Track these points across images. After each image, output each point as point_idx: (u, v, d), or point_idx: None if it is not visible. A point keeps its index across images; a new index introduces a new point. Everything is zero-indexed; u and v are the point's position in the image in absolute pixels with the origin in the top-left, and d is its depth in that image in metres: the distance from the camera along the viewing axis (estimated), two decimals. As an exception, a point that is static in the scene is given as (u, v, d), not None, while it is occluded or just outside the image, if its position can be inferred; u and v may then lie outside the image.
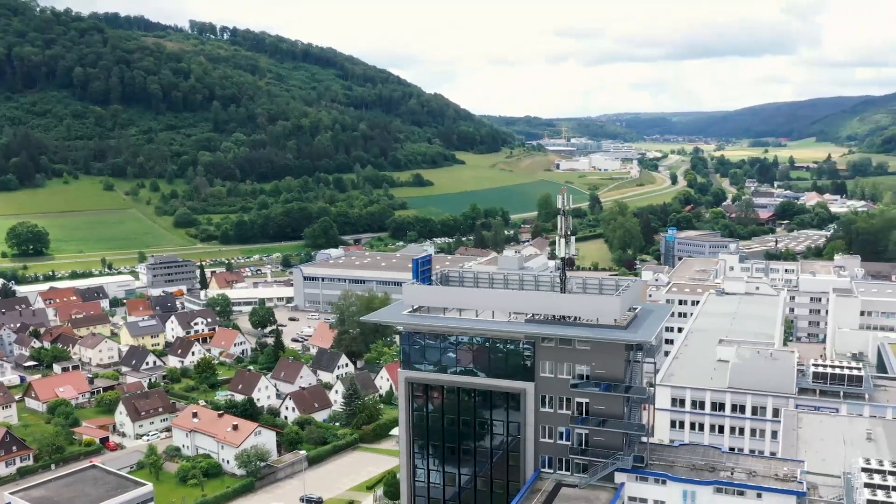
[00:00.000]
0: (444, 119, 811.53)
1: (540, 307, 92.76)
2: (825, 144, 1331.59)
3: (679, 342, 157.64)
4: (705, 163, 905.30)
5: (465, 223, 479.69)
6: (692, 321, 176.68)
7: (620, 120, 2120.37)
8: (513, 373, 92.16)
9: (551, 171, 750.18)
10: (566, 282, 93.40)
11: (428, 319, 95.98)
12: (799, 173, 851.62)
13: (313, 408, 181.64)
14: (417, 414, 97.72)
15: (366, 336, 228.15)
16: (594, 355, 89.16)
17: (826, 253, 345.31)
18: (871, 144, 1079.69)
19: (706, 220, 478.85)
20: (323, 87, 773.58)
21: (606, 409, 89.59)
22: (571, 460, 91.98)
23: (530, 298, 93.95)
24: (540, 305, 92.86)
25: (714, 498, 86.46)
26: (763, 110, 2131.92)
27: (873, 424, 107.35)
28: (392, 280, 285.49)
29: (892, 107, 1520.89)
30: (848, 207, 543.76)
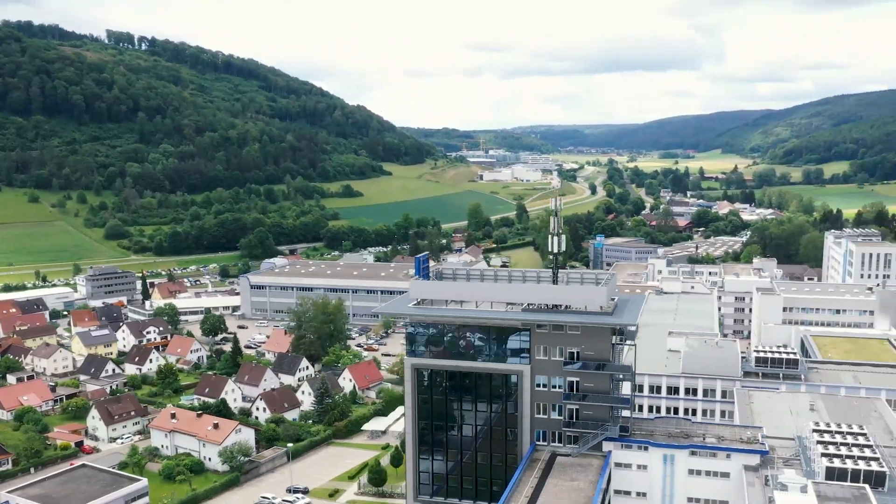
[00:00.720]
0: (369, 131, 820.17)
1: (536, 297, 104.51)
2: (731, 156, 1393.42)
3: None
4: (621, 174, 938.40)
5: (398, 233, 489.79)
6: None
7: (535, 132, 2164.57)
8: (511, 356, 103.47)
9: (475, 182, 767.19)
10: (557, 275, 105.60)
11: (434, 311, 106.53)
12: (709, 183, 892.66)
13: (283, 407, 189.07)
14: (422, 397, 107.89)
15: (322, 340, 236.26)
16: (583, 339, 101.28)
17: (743, 257, 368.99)
18: (774, 156, 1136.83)
19: (628, 227, 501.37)
20: (247, 98, 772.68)
21: (595, 386, 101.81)
22: (564, 433, 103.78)
23: (527, 290, 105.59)
24: (536, 296, 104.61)
25: (690, 460, 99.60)
26: (671, 123, 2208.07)
27: (814, 398, 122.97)
28: (339, 287, 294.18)
29: (791, 120, 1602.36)
30: (758, 215, 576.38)
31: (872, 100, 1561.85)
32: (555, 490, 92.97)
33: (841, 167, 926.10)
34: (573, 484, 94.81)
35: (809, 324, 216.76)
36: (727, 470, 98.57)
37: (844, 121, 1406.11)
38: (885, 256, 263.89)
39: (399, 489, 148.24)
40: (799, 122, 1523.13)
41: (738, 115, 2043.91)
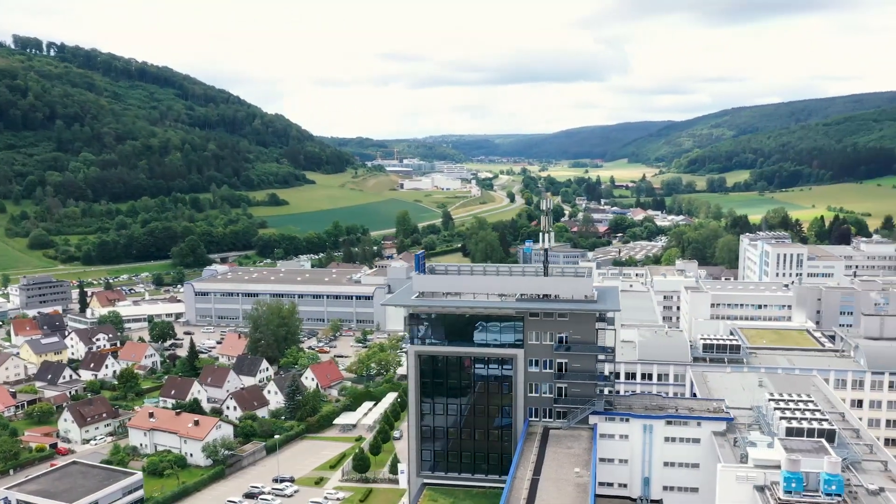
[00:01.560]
0: (289, 140, 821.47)
1: (529, 288, 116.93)
2: (637, 165, 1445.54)
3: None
4: (536, 182, 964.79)
5: (328, 240, 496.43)
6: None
7: (447, 141, 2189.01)
8: (506, 342, 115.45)
9: (397, 191, 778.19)
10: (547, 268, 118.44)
11: (435, 302, 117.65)
12: (620, 191, 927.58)
13: (253, 406, 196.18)
14: (423, 380, 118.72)
15: (278, 343, 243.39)
16: (571, 324, 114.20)
17: (664, 259, 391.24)
18: (679, 165, 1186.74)
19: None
20: (164, 106, 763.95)
21: (581, 367, 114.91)
22: (553, 409, 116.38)
23: (520, 282, 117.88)
24: (529, 287, 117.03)
25: (666, 429, 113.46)
26: (578, 133, 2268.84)
27: (760, 376, 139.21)
28: (284, 293, 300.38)
29: (692, 131, 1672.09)
30: (670, 221, 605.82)
31: (768, 112, 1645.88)
32: (555, 456, 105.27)
33: (742, 176, 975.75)
34: (570, 451, 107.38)
35: (735, 318, 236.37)
36: (698, 436, 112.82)
37: (743, 132, 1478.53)
38: (797, 256, 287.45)
39: (381, 474, 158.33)
40: (700, 133, 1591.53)
41: (642, 126, 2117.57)
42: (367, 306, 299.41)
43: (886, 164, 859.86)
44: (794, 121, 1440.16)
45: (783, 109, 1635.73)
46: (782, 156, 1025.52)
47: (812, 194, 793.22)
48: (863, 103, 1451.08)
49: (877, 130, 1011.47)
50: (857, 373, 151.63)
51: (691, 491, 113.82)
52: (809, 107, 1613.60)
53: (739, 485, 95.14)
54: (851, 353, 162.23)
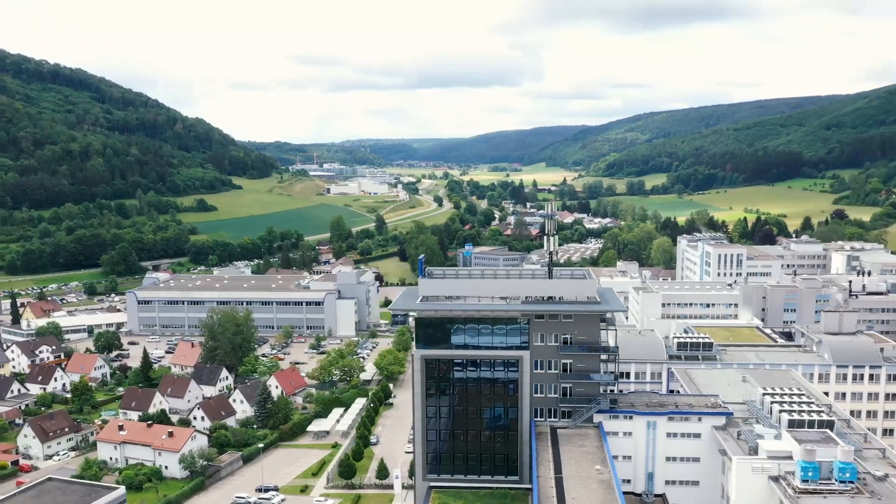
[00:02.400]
0: (212, 144, 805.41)
1: (534, 291, 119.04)
2: (555, 169, 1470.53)
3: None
4: (461, 186, 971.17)
5: (263, 246, 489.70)
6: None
7: (364, 146, 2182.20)
8: (512, 344, 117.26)
9: (325, 196, 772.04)
10: (552, 271, 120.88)
11: (442, 305, 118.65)
12: (544, 195, 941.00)
13: (220, 415, 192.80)
14: (430, 383, 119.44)
15: (235, 351, 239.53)
16: (576, 325, 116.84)
17: (602, 261, 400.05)
18: (598, 169, 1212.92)
19: (485, 237, 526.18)
20: (81, 109, 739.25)
21: (586, 367, 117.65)
22: (558, 408, 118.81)
23: (525, 284, 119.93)
24: (534, 289, 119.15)
25: (668, 425, 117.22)
26: (495, 137, 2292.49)
27: (742, 371, 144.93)
28: (231, 300, 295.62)
29: (607, 135, 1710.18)
30: (598, 224, 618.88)
31: (679, 117, 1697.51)
32: (572, 455, 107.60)
33: (660, 179, 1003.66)
34: (583, 449, 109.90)
35: (684, 317, 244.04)
36: (699, 431, 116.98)
37: (656, 136, 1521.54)
38: (738, 257, 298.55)
39: (367, 480, 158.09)
40: (616, 138, 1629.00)
41: (557, 131, 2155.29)
42: (318, 312, 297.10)
43: (795, 167, 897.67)
44: (704, 125, 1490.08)
45: (693, 114, 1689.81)
46: (696, 159, 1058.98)
47: (727, 196, 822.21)
48: (767, 109, 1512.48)
49: (784, 135, 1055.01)
50: (822, 366, 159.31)
51: (692, 484, 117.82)
52: (718, 112, 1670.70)
53: (755, 476, 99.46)
54: (814, 348, 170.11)
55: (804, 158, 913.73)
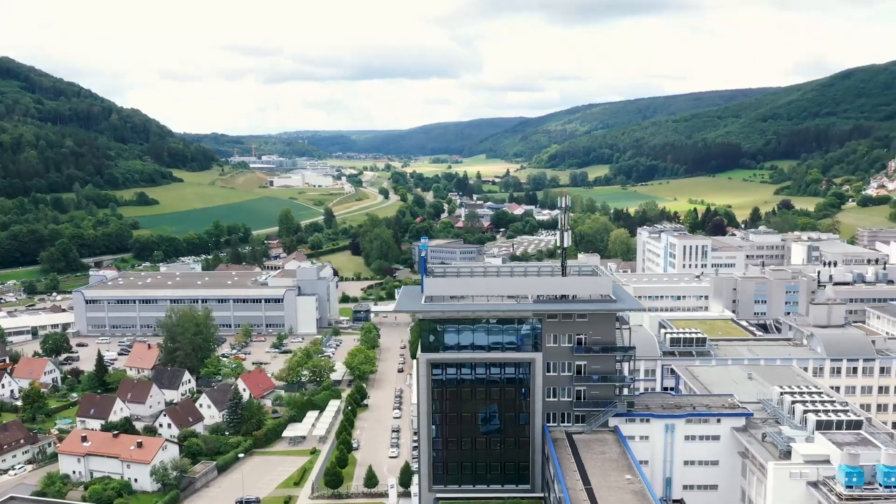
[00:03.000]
0: (149, 135, 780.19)
1: (547, 289, 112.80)
2: (496, 161, 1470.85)
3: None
4: (405, 178, 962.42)
5: (209, 241, 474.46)
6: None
7: (302, 137, 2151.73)
8: (524, 346, 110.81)
9: (268, 188, 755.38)
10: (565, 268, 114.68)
11: (449, 306, 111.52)
12: (489, 186, 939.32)
13: (188, 422, 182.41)
14: (436, 389, 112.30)
15: (197, 351, 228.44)
16: (590, 325, 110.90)
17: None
18: (540, 161, 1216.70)
19: (437, 230, 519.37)
20: (10, 99, 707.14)
21: (602, 368, 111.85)
22: (572, 413, 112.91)
23: (537, 282, 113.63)
24: (547, 287, 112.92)
25: (687, 427, 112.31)
26: (434, 129, 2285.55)
27: (745, 368, 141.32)
28: (186, 298, 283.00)
29: (546, 127, 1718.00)
30: (547, 216, 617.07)
31: (616, 109, 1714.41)
32: (595, 463, 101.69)
33: (602, 170, 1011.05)
34: (605, 456, 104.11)
35: (655, 310, 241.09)
36: (717, 433, 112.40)
37: (595, 128, 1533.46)
38: (702, 248, 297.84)
39: (354, 489, 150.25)
40: (555, 129, 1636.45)
41: (496, 122, 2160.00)
42: (278, 309, 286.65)
43: (734, 158, 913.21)
44: (641, 117, 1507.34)
45: (630, 106, 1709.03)
46: (637, 151, 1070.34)
47: (670, 187, 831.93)
48: (702, 101, 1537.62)
49: (722, 127, 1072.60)
50: (817, 360, 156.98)
51: (711, 488, 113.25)
52: (654, 104, 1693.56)
53: (793, 482, 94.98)
54: (804, 341, 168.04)
55: (742, 150, 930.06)
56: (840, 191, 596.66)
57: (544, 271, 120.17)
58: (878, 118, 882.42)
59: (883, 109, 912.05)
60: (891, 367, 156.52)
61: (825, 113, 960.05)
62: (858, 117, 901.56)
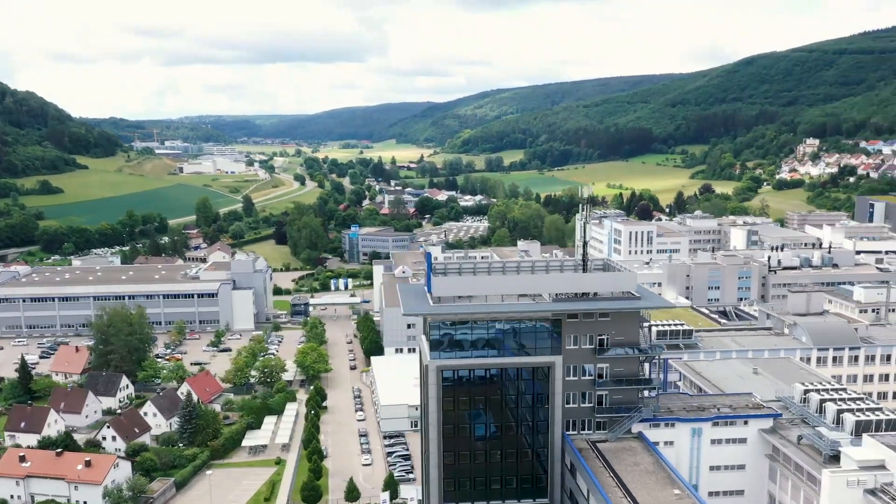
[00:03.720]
0: (48, 120, 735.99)
1: (567, 287, 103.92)
2: (407, 146, 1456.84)
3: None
4: (319, 164, 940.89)
5: (123, 231, 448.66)
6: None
7: (205, 122, 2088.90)
8: (542, 348, 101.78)
9: (178, 175, 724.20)
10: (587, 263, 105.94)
11: (461, 307, 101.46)
12: (405, 172, 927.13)
13: (135, 433, 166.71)
14: (447, 399, 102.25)
15: (132, 353, 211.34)
16: (613, 325, 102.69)
17: (494, 240, 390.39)
18: (453, 146, 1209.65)
19: (363, 217, 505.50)
20: None
21: (625, 370, 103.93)
22: (593, 419, 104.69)
23: (558, 279, 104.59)
24: (567, 285, 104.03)
25: (713, 431, 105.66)
26: (341, 114, 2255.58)
27: (754, 363, 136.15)
28: (110, 294, 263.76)
29: (455, 112, 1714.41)
30: (472, 201, 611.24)
31: (525, 94, 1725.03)
32: (633, 475, 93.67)
33: (517, 155, 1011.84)
34: (640, 467, 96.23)
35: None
36: (744, 436, 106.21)
37: (504, 113, 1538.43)
38: (648, 234, 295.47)
39: (332, 502, 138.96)
40: (464, 114, 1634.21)
41: (404, 107, 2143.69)
42: (212, 305, 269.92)
43: (646, 143, 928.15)
44: (550, 102, 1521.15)
45: (539, 92, 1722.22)
46: (550, 136, 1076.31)
47: (586, 172, 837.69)
48: (609, 86, 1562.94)
49: (632, 112, 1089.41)
50: (804, 350, 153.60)
51: (737, 494, 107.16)
52: (562, 89, 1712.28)
53: (850, 491, 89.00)
54: (786, 330, 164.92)
55: (654, 134, 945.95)
56: (754, 174, 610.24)
57: (565, 267, 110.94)
58: (780, 104, 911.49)
59: (785, 95, 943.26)
60: (875, 355, 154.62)
61: (731, 99, 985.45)
62: (763, 103, 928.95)
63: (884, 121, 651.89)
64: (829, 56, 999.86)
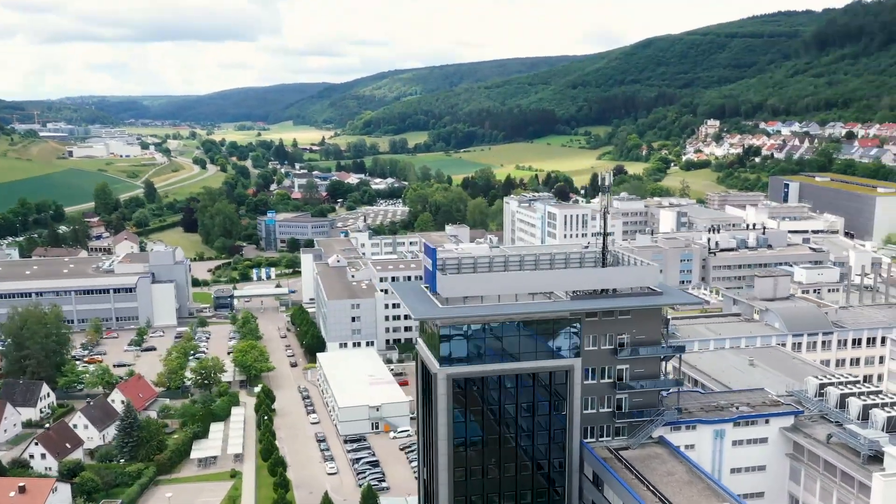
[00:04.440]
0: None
1: (588, 283, 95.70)
2: (305, 127, 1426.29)
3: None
4: (217, 147, 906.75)
5: (15, 221, 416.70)
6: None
7: (88, 103, 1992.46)
8: (560, 351, 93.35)
9: (68, 159, 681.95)
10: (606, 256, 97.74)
11: (474, 310, 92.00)
12: (308, 155, 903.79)
13: (66, 449, 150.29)
14: (457, 410, 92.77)
15: (50, 357, 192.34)
16: (634, 323, 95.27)
17: (418, 225, 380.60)
18: (354, 127, 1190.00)
19: (274, 202, 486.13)
20: None
21: (646, 371, 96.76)
22: (613, 425, 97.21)
23: (577, 275, 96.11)
24: (586, 281, 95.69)
25: (735, 431, 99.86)
26: (234, 95, 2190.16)
27: (739, 353, 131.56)
28: (14, 292, 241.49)
29: (353, 93, 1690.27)
30: (385, 185, 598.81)
31: (424, 75, 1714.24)
32: (672, 487, 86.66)
33: (421, 137, 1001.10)
34: (675, 477, 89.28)
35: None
36: (765, 435, 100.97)
37: (404, 94, 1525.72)
38: (583, 216, 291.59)
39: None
40: (363, 95, 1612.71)
41: (299, 88, 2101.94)
42: (130, 300, 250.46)
43: (549, 124, 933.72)
44: (448, 83, 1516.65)
45: (437, 73, 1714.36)
46: (453, 117, 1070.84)
47: (493, 153, 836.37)
48: (507, 68, 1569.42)
49: (533, 94, 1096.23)
50: (780, 336, 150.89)
51: (757, 496, 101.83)
52: (461, 70, 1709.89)
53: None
54: (756, 316, 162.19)
55: (557, 116, 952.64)
56: (661, 155, 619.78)
57: (585, 261, 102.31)
58: (678, 86, 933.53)
59: (682, 77, 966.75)
60: (847, 340, 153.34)
61: (630, 80, 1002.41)
62: (661, 84, 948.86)
63: (780, 102, 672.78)
64: (722, 39, 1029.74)
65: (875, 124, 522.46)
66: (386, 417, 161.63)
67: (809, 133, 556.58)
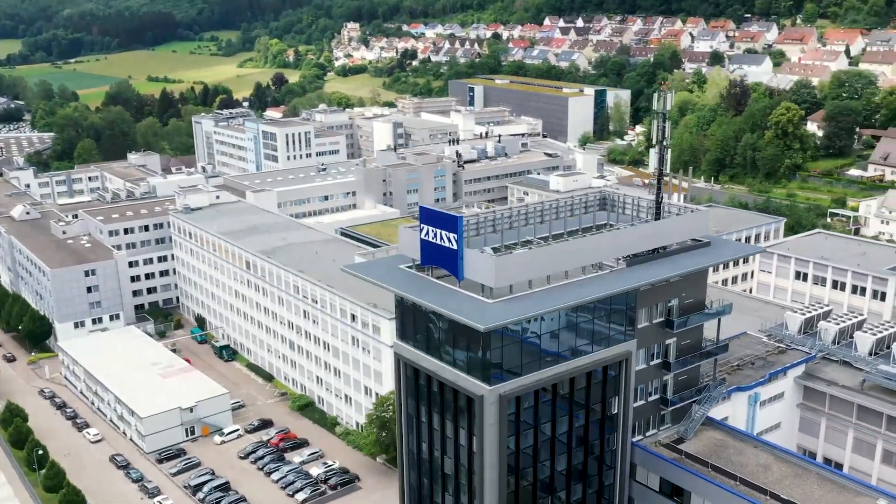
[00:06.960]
0: None
1: (645, 243, 72.93)
2: None
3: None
4: None
5: None
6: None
7: None
8: (615, 335, 71.07)
9: None
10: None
11: (537, 301, 65.22)
12: None
13: None
14: (510, 436, 66.90)
15: None
16: (685, 284, 75.65)
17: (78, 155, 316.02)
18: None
19: None
20: None
21: (691, 341, 78.33)
22: (658, 414, 78.09)
23: (632, 236, 72.51)
24: (644, 241, 72.98)
25: (761, 391, 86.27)
26: None
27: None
28: None
29: None
30: None
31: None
32: (778, 482, 69.74)
33: (13, 46, 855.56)
34: (772, 470, 72.63)
35: (303, 215, 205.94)
36: (782, 389, 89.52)
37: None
38: (306, 135, 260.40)
39: None
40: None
41: None
42: None
43: (169, 29, 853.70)
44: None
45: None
46: (49, 22, 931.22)
47: (111, 63, 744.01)
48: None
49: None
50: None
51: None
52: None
53: None
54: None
55: (176, 20, 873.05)
56: (313, 61, 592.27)
57: (638, 219, 78.18)
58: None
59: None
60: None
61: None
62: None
63: (416, 4, 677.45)
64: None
65: (516, 25, 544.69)
66: (203, 418, 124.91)
67: (455, 35, 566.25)
